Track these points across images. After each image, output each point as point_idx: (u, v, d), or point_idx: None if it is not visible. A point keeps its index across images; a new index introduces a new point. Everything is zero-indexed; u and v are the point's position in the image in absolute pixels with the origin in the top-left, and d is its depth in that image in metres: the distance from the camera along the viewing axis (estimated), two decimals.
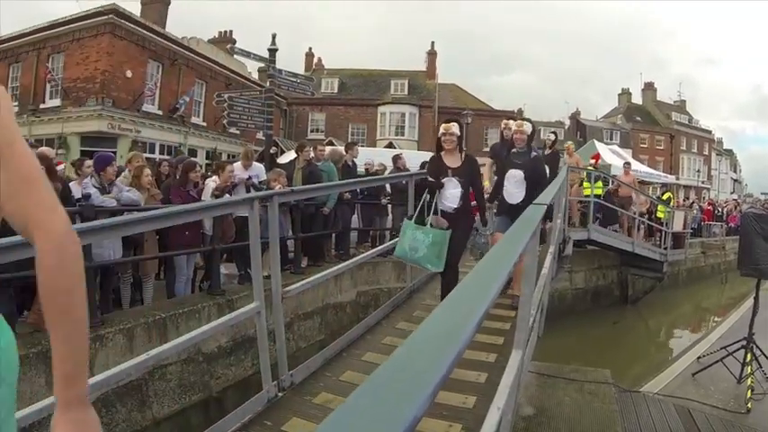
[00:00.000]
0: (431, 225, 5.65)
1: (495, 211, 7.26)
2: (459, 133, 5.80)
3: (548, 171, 9.85)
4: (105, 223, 3.04)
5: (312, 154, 9.49)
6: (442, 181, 5.77)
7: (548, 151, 10.06)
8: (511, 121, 6.81)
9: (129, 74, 22.07)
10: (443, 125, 5.84)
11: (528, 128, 6.57)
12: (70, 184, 6.54)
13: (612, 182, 15.04)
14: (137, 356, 3.07)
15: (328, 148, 11.01)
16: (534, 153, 6.65)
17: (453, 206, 5.76)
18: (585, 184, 14.03)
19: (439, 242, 5.52)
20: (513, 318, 5.40)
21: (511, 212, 6.20)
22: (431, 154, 6.22)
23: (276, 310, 4.00)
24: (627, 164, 16.44)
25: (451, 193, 5.77)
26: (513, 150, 6.63)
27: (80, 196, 6.11)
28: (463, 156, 5.91)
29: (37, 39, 22.91)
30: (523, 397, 4.34)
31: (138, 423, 5.20)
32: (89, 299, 4.44)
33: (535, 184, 6.18)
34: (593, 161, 15.61)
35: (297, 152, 9.66)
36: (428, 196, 5.84)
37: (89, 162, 6.73)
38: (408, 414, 0.59)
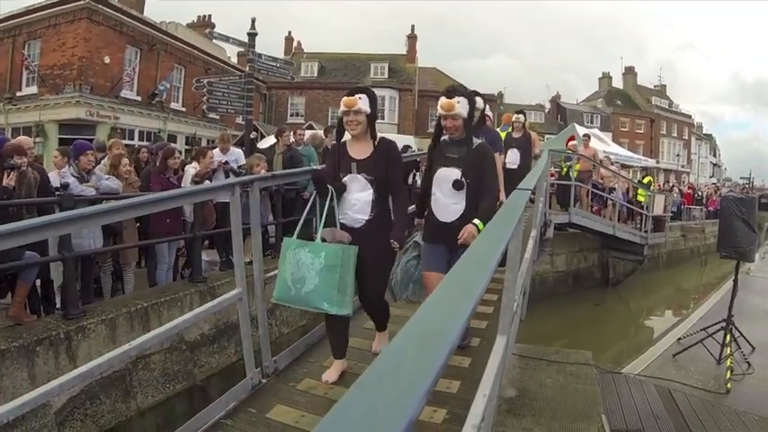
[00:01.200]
0: (323, 240, 3.81)
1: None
2: (368, 110, 3.86)
3: (519, 158, 9.09)
4: (85, 212, 2.99)
5: (292, 138, 9.45)
6: (344, 180, 3.96)
7: (517, 134, 9.37)
8: (443, 98, 4.19)
9: (106, 60, 21.76)
10: (345, 99, 3.86)
11: (462, 108, 4.10)
12: (50, 174, 6.47)
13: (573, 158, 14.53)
14: (119, 346, 3.04)
15: (308, 132, 10.97)
16: (478, 140, 4.22)
17: (362, 217, 3.89)
18: (563, 166, 14.09)
19: (338, 265, 3.64)
20: (496, 302, 5.42)
21: (442, 236, 4.12)
22: (410, 137, 4.44)
23: (258, 296, 3.99)
24: (586, 136, 15.76)
25: (358, 198, 3.91)
26: (444, 138, 4.26)
27: (59, 185, 6.04)
28: (376, 142, 3.99)
29: (12, 25, 22.48)
30: (506, 379, 4.36)
31: (122, 414, 5.17)
32: (70, 289, 4.38)
33: (480, 190, 4.07)
34: (573, 143, 15.45)
35: (276, 137, 9.62)
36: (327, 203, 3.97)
37: (56, 153, 6.73)
38: (403, 417, 0.59)
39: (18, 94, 22.29)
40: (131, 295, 6.25)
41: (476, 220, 3.85)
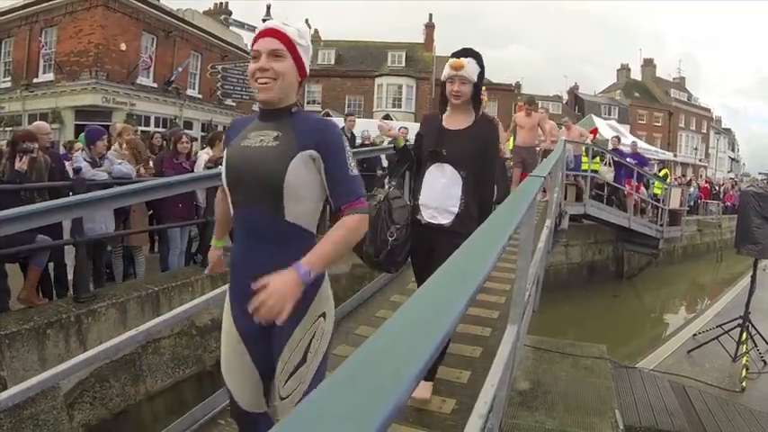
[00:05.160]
0: None
1: None
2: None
3: (460, 192, 3.74)
4: (97, 195, 2.98)
5: None
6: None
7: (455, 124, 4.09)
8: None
9: (123, 47, 21.80)
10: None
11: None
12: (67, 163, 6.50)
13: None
14: (129, 330, 3.02)
15: None
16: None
17: None
18: (584, 159, 13.89)
19: None
20: (508, 291, 5.37)
21: None
22: None
23: None
24: (531, 103, 10.83)
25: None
26: None
27: (71, 170, 6.06)
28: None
29: (29, 13, 22.66)
30: (520, 371, 4.32)
31: (131, 397, 5.18)
32: (82, 273, 4.37)
33: None
34: (590, 136, 15.24)
35: None
36: None
37: (78, 144, 6.72)
38: (385, 405, 0.54)
39: (35, 80, 22.45)
40: (142, 279, 6.26)
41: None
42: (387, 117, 30.91)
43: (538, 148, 10.70)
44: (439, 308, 0.82)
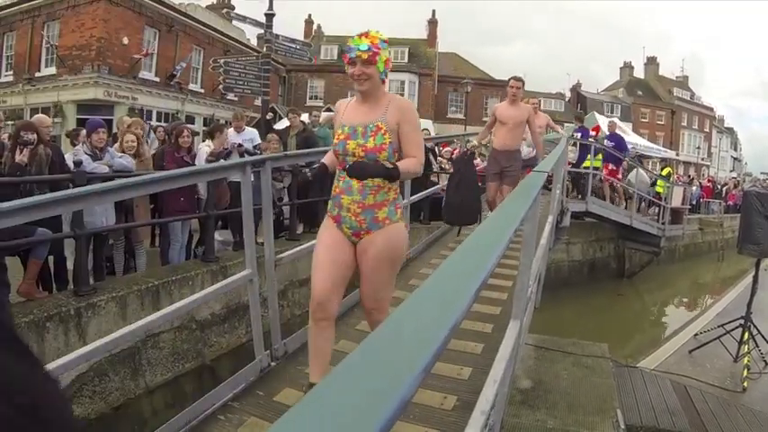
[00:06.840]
0: None
1: None
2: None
3: None
4: (97, 188, 2.95)
5: (304, 119, 9.49)
6: None
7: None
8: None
9: (125, 41, 21.79)
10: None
11: None
12: (66, 155, 6.47)
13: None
14: (129, 324, 3.00)
15: (324, 114, 10.92)
16: None
17: None
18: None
19: None
20: (510, 288, 5.35)
21: None
22: (429, 122, 3.56)
23: (269, 278, 3.93)
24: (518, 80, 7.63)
25: None
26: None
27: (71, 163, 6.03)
28: None
29: (31, 6, 22.60)
30: (521, 369, 4.30)
31: (131, 391, 5.16)
32: (82, 266, 4.34)
33: None
34: (593, 133, 15.14)
35: (287, 118, 9.72)
36: None
37: (85, 132, 6.67)
38: (391, 402, 0.51)
39: (37, 74, 22.44)
40: (142, 273, 6.24)
41: None
42: None
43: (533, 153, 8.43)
44: (444, 302, 0.79)
